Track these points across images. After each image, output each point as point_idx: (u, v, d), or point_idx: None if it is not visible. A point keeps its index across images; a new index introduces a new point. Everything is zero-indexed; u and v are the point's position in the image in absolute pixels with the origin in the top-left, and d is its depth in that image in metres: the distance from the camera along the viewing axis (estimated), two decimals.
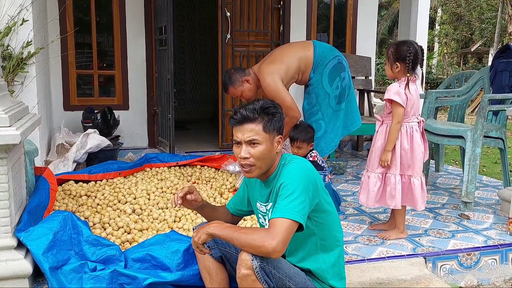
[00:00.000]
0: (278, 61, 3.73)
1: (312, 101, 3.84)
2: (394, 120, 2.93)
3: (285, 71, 3.71)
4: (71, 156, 4.13)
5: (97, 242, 2.45)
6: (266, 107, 1.99)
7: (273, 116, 2.00)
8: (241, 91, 3.75)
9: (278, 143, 2.02)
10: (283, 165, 2.01)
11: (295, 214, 1.81)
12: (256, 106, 1.98)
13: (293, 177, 1.90)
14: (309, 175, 1.94)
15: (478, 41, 19.94)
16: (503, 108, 3.77)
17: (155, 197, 3.45)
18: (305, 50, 3.79)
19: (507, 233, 3.18)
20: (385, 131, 3.02)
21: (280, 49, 3.94)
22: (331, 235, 2.06)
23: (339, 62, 3.80)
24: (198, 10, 8.87)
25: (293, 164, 1.97)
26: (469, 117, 11.29)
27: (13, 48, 3.49)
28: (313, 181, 1.93)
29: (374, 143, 3.08)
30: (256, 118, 1.96)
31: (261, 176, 2.08)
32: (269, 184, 2.07)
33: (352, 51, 6.35)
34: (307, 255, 2.04)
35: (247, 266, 1.82)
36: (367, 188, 3.08)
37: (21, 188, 2.56)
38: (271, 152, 2.00)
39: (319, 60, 3.76)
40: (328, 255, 2.05)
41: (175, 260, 2.37)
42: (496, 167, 6.37)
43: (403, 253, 2.84)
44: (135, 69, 5.59)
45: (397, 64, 2.93)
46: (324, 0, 6.39)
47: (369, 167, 3.10)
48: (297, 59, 3.76)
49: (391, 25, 20.71)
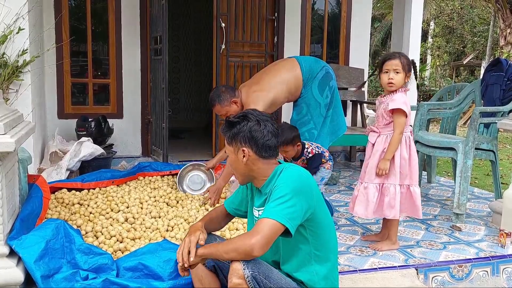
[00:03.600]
0: (265, 90, 3.67)
1: (302, 111, 3.85)
2: (397, 130, 2.93)
3: (271, 101, 3.67)
4: (65, 164, 4.12)
5: (89, 250, 2.44)
6: (227, 121, 2.10)
7: (233, 128, 2.06)
8: (227, 111, 3.67)
9: (243, 155, 2.05)
10: (279, 173, 2.03)
11: (281, 216, 1.83)
12: (224, 124, 2.12)
13: (285, 181, 1.94)
14: (304, 181, 1.96)
15: (470, 54, 20.12)
16: (494, 120, 3.81)
17: (148, 206, 3.45)
18: (293, 71, 3.77)
19: (498, 245, 3.20)
20: (384, 141, 3.01)
21: (268, 76, 3.80)
22: (326, 246, 2.06)
23: (326, 72, 3.83)
24: (193, 20, 8.92)
25: (287, 170, 2.01)
26: (461, 129, 11.36)
27: (8, 56, 3.50)
28: (307, 187, 1.95)
29: (372, 155, 3.05)
30: (224, 133, 2.10)
31: (255, 183, 2.13)
32: (264, 190, 2.09)
33: (345, 62, 6.40)
34: (300, 264, 2.04)
35: (239, 275, 1.83)
36: (365, 199, 3.04)
37: (14, 195, 2.55)
38: (238, 163, 2.08)
39: (307, 75, 3.77)
40: (321, 266, 2.05)
41: (167, 269, 2.37)
42: (488, 179, 6.41)
43: (395, 264, 2.85)
44: (129, 78, 5.60)
45: (409, 74, 2.96)
46: (318, 12, 6.45)
47: (364, 178, 3.07)
48: (285, 84, 3.73)
49: (384, 37, 20.87)
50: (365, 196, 3.05)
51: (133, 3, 5.52)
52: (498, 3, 14.10)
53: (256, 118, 2.06)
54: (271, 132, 2.06)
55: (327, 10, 6.35)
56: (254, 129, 2.04)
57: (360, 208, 3.07)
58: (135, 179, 4.11)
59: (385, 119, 3.00)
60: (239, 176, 2.13)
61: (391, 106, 2.92)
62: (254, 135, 2.03)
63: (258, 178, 2.09)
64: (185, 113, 9.18)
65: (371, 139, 3.08)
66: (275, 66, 3.92)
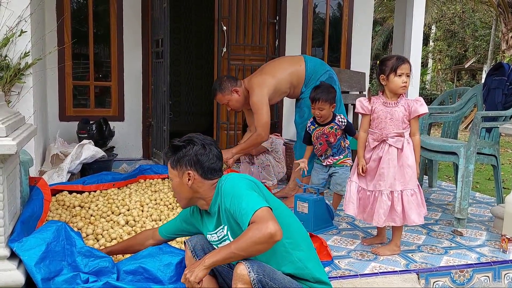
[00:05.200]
0: (269, 75, 3.75)
1: (304, 115, 3.86)
2: (418, 133, 3.00)
3: (274, 86, 3.72)
4: (66, 166, 4.13)
5: (90, 253, 2.44)
6: (172, 145, 2.15)
7: (178, 152, 2.11)
8: (228, 100, 3.75)
9: (189, 179, 2.09)
10: (220, 187, 2.06)
11: (260, 203, 1.85)
12: (168, 148, 2.17)
13: (234, 187, 1.98)
14: (245, 178, 2.04)
15: (472, 58, 20.13)
16: (496, 125, 3.81)
17: (149, 209, 3.45)
18: (297, 65, 3.81)
19: (500, 250, 3.19)
20: (410, 145, 2.99)
21: (272, 64, 3.95)
22: (291, 230, 2.05)
23: (330, 76, 3.84)
24: (194, 24, 8.92)
25: (227, 180, 2.05)
26: (462, 133, 11.35)
27: (10, 58, 3.50)
28: (250, 182, 2.03)
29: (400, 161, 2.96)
30: (168, 158, 2.14)
31: (202, 206, 2.17)
32: (212, 210, 2.12)
33: (347, 66, 6.41)
34: (281, 259, 2.02)
35: (244, 280, 1.82)
36: (417, 206, 2.99)
37: (15, 198, 2.55)
38: (182, 187, 2.12)
39: (310, 74, 3.79)
40: (299, 251, 2.04)
41: (168, 273, 2.36)
42: (490, 183, 6.40)
43: (396, 269, 2.85)
44: (131, 81, 5.61)
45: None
46: (320, 15, 6.46)
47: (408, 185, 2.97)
48: (288, 74, 3.78)
49: (385, 40, 20.90)
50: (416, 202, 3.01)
51: (135, 6, 5.54)
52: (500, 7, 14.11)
53: (202, 142, 2.13)
54: (216, 156, 2.13)
55: (329, 14, 6.36)
56: (200, 152, 2.10)
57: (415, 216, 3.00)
58: (136, 181, 4.11)
59: (405, 122, 2.97)
60: (182, 200, 2.16)
61: (423, 110, 2.93)
62: (200, 158, 2.09)
63: (204, 199, 2.13)
64: (186, 116, 9.18)
65: (399, 145, 2.97)
66: (281, 57, 4.02)
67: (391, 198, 2.97)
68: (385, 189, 2.98)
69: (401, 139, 2.96)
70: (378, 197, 3.00)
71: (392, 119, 2.96)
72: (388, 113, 2.96)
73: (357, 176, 3.15)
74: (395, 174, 2.96)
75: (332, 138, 3.57)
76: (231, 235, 2.04)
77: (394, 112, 2.95)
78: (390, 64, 2.91)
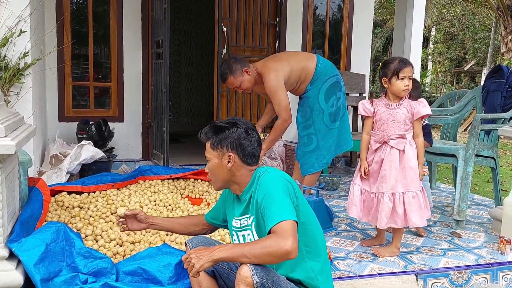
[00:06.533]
0: (285, 60, 3.72)
1: (306, 115, 3.84)
2: (421, 134, 3.00)
3: (289, 72, 3.68)
4: (65, 167, 4.12)
5: (89, 254, 2.44)
6: (214, 125, 2.11)
7: (220, 134, 2.08)
8: (241, 81, 3.68)
9: (229, 161, 2.08)
10: (258, 177, 2.05)
11: (289, 214, 1.85)
12: (208, 127, 2.13)
13: (271, 185, 1.96)
14: (285, 180, 2.00)
15: (471, 61, 20.14)
16: (495, 127, 3.81)
17: (148, 210, 3.45)
18: (309, 61, 3.79)
19: (498, 252, 3.20)
20: (412, 147, 2.99)
21: (287, 53, 3.94)
22: (314, 240, 2.07)
23: (337, 81, 3.82)
24: (195, 25, 8.93)
25: (267, 174, 2.03)
26: (461, 135, 11.36)
27: (10, 58, 3.50)
28: (289, 184, 2.00)
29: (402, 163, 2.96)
30: (207, 138, 2.11)
31: (234, 190, 2.16)
32: (244, 197, 2.11)
33: (347, 68, 6.41)
34: (295, 264, 2.03)
35: (247, 282, 1.82)
36: (419, 208, 2.96)
37: (14, 198, 2.55)
38: (221, 169, 2.10)
39: (319, 74, 3.77)
40: (314, 261, 2.05)
41: (167, 274, 2.37)
42: (488, 185, 6.41)
43: (395, 270, 2.85)
44: (131, 82, 5.61)
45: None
46: (320, 17, 6.47)
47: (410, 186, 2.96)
48: (301, 67, 3.75)
49: (385, 43, 20.91)
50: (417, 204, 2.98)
51: (135, 7, 5.54)
52: (499, 10, 14.12)
53: (245, 126, 2.11)
54: (257, 141, 2.12)
55: (329, 16, 6.37)
56: (243, 136, 2.08)
57: (416, 218, 2.97)
58: (135, 182, 4.11)
59: (407, 124, 2.98)
60: (217, 182, 2.15)
61: (425, 111, 2.94)
62: (242, 142, 2.08)
63: (239, 184, 2.12)
64: (186, 117, 9.19)
65: (401, 146, 2.97)
66: (295, 51, 3.97)
67: (393, 200, 2.97)
68: (386, 191, 2.98)
69: (403, 140, 2.96)
70: (380, 199, 3.00)
71: (394, 121, 2.97)
72: (390, 115, 2.98)
73: (360, 179, 3.14)
74: (396, 176, 2.97)
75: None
76: (255, 227, 2.06)
77: (396, 114, 2.96)
78: (392, 67, 2.92)
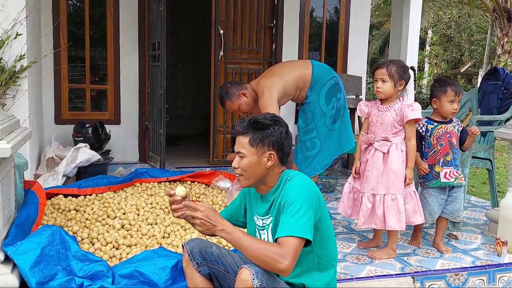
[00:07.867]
0: (278, 76, 3.74)
1: (307, 119, 3.84)
2: (413, 139, 3.00)
3: (283, 86, 3.70)
4: (61, 170, 4.11)
5: (85, 257, 2.43)
6: (256, 121, 2.03)
7: (262, 131, 2.02)
8: (238, 105, 3.72)
9: (269, 159, 2.03)
10: (286, 180, 2.02)
11: (304, 231, 1.84)
12: (247, 121, 2.04)
13: (298, 194, 1.93)
14: (313, 191, 1.97)
15: (468, 63, 20.21)
16: (491, 129, 3.82)
17: (145, 213, 3.44)
18: (304, 69, 3.80)
19: (494, 254, 3.20)
20: (398, 150, 2.99)
21: (280, 66, 3.95)
22: (328, 254, 2.08)
23: (336, 83, 3.82)
24: (191, 27, 8.94)
25: (296, 180, 1.99)
26: None
27: (5, 61, 3.49)
28: (316, 197, 1.97)
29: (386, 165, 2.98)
30: (245, 132, 2.03)
31: (260, 189, 2.11)
32: (268, 198, 2.09)
33: (343, 70, 6.42)
34: (303, 272, 2.04)
35: (247, 286, 1.82)
36: (397, 212, 2.96)
37: (10, 201, 2.54)
38: (258, 166, 2.02)
39: (316, 79, 3.77)
40: (323, 274, 2.06)
41: (163, 277, 2.36)
42: (485, 187, 6.42)
43: (392, 272, 2.85)
44: (127, 84, 5.60)
45: (402, 82, 2.97)
46: (317, 19, 6.47)
47: (390, 189, 2.97)
48: (296, 76, 3.76)
49: (382, 45, 20.96)
50: (397, 208, 2.98)
51: (132, 9, 5.53)
52: (495, 12, 14.16)
53: (286, 126, 2.08)
54: (291, 143, 2.11)
55: (326, 18, 6.38)
56: (284, 136, 2.06)
57: (393, 221, 2.97)
58: (132, 185, 4.10)
59: (396, 127, 2.99)
60: (250, 179, 2.05)
61: (413, 115, 2.94)
62: (283, 141, 2.05)
63: (267, 184, 2.08)
64: (183, 120, 9.18)
65: (385, 149, 3.00)
66: (288, 61, 4.04)
67: (373, 201, 3.02)
68: (367, 191, 3.04)
69: (387, 143, 3.00)
70: (362, 199, 3.08)
71: (382, 123, 3.03)
72: (379, 117, 3.04)
73: (352, 177, 3.22)
74: (378, 177, 3.01)
75: (455, 139, 3.19)
76: (271, 229, 2.05)
77: (385, 116, 3.01)
78: (373, 70, 3.06)
